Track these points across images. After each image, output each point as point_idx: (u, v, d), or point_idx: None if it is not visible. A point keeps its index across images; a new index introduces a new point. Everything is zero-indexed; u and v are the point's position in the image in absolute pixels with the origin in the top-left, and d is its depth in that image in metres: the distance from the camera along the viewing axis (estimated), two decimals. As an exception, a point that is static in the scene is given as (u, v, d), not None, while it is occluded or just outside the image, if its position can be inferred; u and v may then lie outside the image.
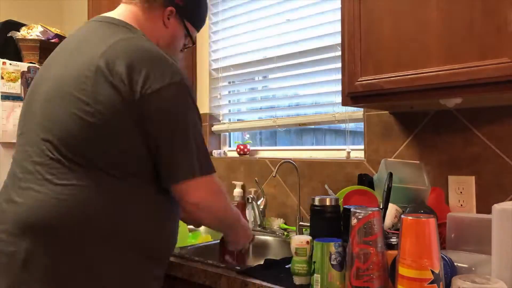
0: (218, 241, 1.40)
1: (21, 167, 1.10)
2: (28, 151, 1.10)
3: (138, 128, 1.06)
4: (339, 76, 1.49)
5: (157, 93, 1.06)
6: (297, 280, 1.15)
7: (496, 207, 1.00)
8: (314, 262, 1.09)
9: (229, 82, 2.38)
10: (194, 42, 1.41)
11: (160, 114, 1.07)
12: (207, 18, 2.38)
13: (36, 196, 1.04)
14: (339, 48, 1.60)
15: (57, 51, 1.21)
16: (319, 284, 1.07)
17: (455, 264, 1.04)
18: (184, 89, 1.11)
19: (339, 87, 1.65)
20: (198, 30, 1.41)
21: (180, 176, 1.09)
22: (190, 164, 1.09)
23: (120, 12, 1.23)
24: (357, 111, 1.78)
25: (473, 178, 1.44)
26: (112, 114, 1.04)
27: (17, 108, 2.27)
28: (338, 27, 1.75)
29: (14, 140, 2.22)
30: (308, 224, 1.34)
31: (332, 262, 1.07)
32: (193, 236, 1.84)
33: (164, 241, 1.16)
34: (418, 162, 1.48)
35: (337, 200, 1.24)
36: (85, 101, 1.05)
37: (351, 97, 1.37)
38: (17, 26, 2.48)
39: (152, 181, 1.11)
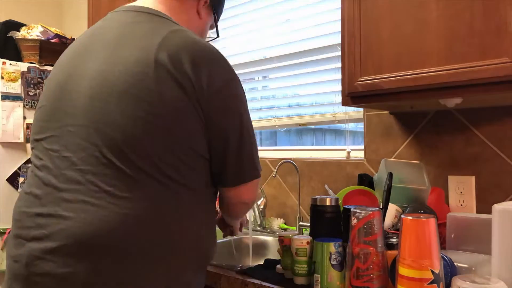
0: (219, 241, 1.40)
1: (61, 176, 0.93)
2: (69, 158, 0.94)
3: (204, 129, 0.98)
4: (339, 76, 1.49)
5: (221, 91, 0.99)
6: (297, 280, 1.15)
7: (496, 207, 1.00)
8: (314, 262, 1.10)
9: (229, 82, 2.37)
10: (218, 35, 1.36)
11: (226, 113, 1.01)
12: (207, 18, 2.39)
13: (96, 210, 0.89)
14: (339, 48, 1.61)
15: (85, 44, 1.06)
16: (319, 284, 1.08)
17: (455, 264, 1.04)
18: (240, 84, 1.06)
19: (339, 87, 1.65)
20: (218, 21, 1.35)
21: (247, 178, 1.06)
22: (255, 166, 1.06)
23: (152, 2, 1.11)
24: (357, 111, 1.78)
25: (473, 178, 1.44)
26: (180, 115, 0.94)
27: (17, 108, 2.27)
28: (338, 27, 1.76)
29: (14, 140, 2.25)
30: (308, 224, 1.34)
31: (332, 262, 1.07)
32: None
33: (214, 248, 1.10)
34: (418, 162, 1.48)
35: (337, 200, 1.24)
36: (149, 101, 0.92)
37: (351, 97, 1.37)
38: (17, 26, 2.48)
39: (209, 187, 1.05)
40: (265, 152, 2.19)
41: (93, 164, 0.91)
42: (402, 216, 0.94)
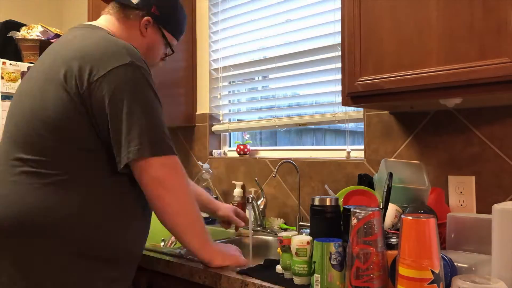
0: (219, 241, 1.40)
1: None
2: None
3: (88, 118, 1.11)
4: (339, 76, 1.49)
5: (102, 79, 1.10)
6: (297, 280, 1.15)
7: (496, 207, 1.00)
8: (314, 262, 1.09)
9: (229, 82, 2.38)
10: (173, 51, 1.46)
11: (107, 95, 1.10)
12: (207, 19, 2.39)
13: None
14: (339, 48, 1.60)
15: (37, 61, 1.28)
16: (319, 284, 1.07)
17: (455, 264, 1.04)
18: (134, 69, 1.13)
19: (339, 87, 1.65)
20: (177, 39, 1.45)
21: (132, 153, 1.09)
22: (141, 142, 1.09)
23: (100, 21, 1.33)
24: (357, 111, 1.78)
25: (473, 178, 1.44)
26: (60, 108, 1.10)
27: (17, 108, 2.27)
28: (338, 27, 1.76)
29: (14, 140, 2.24)
30: (308, 224, 1.34)
31: (332, 262, 1.07)
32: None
33: (121, 242, 1.16)
34: (418, 162, 1.48)
35: (337, 200, 1.24)
36: (37, 102, 1.15)
37: (351, 97, 1.37)
38: (17, 26, 2.48)
39: (110, 178, 1.14)
40: (265, 152, 2.19)
41: (3, 157, 1.17)
42: (402, 216, 0.94)
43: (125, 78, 1.12)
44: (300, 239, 1.15)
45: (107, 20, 1.32)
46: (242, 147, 2.18)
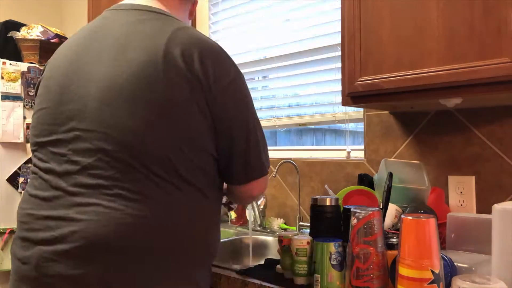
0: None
1: (71, 180, 0.93)
2: (79, 162, 0.93)
3: (211, 127, 0.98)
4: (339, 76, 1.50)
5: (228, 89, 0.99)
6: (297, 280, 1.15)
7: (496, 207, 1.00)
8: (314, 262, 1.10)
9: (229, 82, 2.37)
10: None
11: (232, 110, 1.00)
12: (207, 19, 2.39)
13: (109, 213, 0.89)
14: (339, 48, 1.61)
15: (85, 44, 1.02)
16: (319, 284, 1.08)
17: (455, 264, 1.04)
18: (245, 81, 1.07)
19: (339, 87, 1.65)
20: None
21: (254, 176, 1.06)
22: (262, 163, 1.07)
23: (149, 1, 1.08)
24: (357, 111, 1.78)
25: (473, 178, 1.44)
26: (188, 115, 0.94)
27: (17, 108, 2.27)
28: (338, 27, 1.76)
29: (14, 140, 2.25)
30: (308, 224, 1.34)
31: (332, 262, 1.07)
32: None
33: (219, 245, 1.10)
34: (418, 162, 1.48)
35: (337, 200, 1.24)
36: (158, 103, 0.92)
37: (351, 97, 1.38)
38: (17, 26, 2.48)
39: (216, 186, 1.05)
40: (265, 152, 2.18)
41: (104, 168, 0.91)
42: (402, 216, 0.95)
43: (243, 90, 1.04)
44: (300, 239, 1.16)
45: (163, 2, 1.10)
46: (242, 147, 2.18)
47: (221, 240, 1.67)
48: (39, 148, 1.01)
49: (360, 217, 0.99)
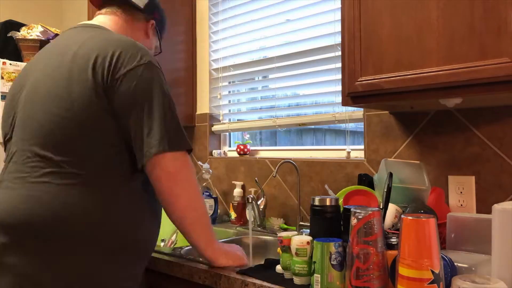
0: (219, 241, 1.40)
1: (6, 168, 1.18)
2: (13, 152, 1.17)
3: (111, 114, 1.11)
4: (339, 76, 1.50)
5: (127, 74, 1.11)
6: (297, 280, 1.15)
7: (496, 207, 1.00)
8: (314, 262, 1.09)
9: (229, 82, 2.38)
10: (161, 51, 1.53)
11: (129, 92, 1.11)
12: (207, 19, 2.39)
13: (10, 193, 1.10)
14: (339, 48, 1.61)
15: (36, 58, 1.27)
16: (319, 284, 1.08)
17: (455, 264, 1.04)
18: (153, 69, 1.16)
19: (339, 87, 1.65)
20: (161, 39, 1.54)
21: (151, 151, 1.10)
22: (159, 140, 1.11)
23: (101, 20, 1.32)
24: (357, 111, 1.78)
25: (473, 178, 1.44)
26: (86, 104, 1.09)
27: (17, 108, 2.27)
28: (338, 27, 1.76)
29: (14, 140, 2.24)
30: (308, 224, 1.34)
31: (332, 262, 1.07)
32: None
33: (142, 237, 1.17)
34: (418, 162, 1.48)
35: (337, 200, 1.24)
36: (62, 98, 1.10)
37: (351, 97, 1.37)
38: (17, 26, 2.48)
39: (130, 175, 1.14)
40: (265, 152, 2.19)
41: (20, 155, 1.13)
42: (402, 216, 0.95)
43: (145, 77, 1.14)
44: (300, 239, 1.16)
45: (112, 21, 1.33)
46: (242, 147, 2.19)
47: (221, 240, 1.67)
48: (4, 147, 1.28)
49: (360, 217, 0.99)
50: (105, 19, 1.34)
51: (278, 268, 1.25)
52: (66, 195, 1.07)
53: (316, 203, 1.24)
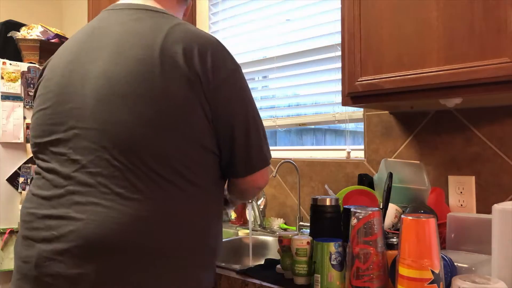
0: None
1: (71, 179, 0.93)
2: (78, 161, 0.93)
3: (211, 122, 0.97)
4: (339, 76, 1.50)
5: (226, 83, 0.98)
6: (297, 280, 1.15)
7: (496, 207, 1.00)
8: (314, 262, 1.10)
9: (229, 82, 2.37)
10: None
11: (231, 104, 1.00)
12: (207, 19, 2.39)
13: (107, 212, 0.89)
14: (339, 48, 1.61)
15: (84, 45, 1.03)
16: (319, 284, 1.08)
17: (455, 264, 1.04)
18: (243, 74, 1.06)
19: (339, 87, 1.65)
20: None
21: (256, 167, 1.06)
22: (263, 154, 1.07)
23: (152, 1, 1.09)
24: (357, 111, 1.78)
25: (473, 178, 1.44)
26: (187, 111, 0.93)
27: (17, 108, 2.27)
28: (338, 27, 1.76)
29: (15, 140, 2.25)
30: (308, 224, 1.34)
31: (332, 262, 1.07)
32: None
33: (221, 244, 1.11)
34: (418, 162, 1.48)
35: (337, 200, 1.24)
36: (155, 100, 0.92)
37: (351, 97, 1.38)
38: (17, 26, 2.48)
39: (218, 184, 1.05)
40: (265, 152, 2.18)
41: (103, 166, 0.91)
42: (402, 216, 0.94)
43: (242, 84, 1.04)
44: (300, 239, 1.16)
45: (160, 2, 1.09)
46: (242, 147, 2.18)
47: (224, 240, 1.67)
48: (40, 149, 1.01)
49: (360, 217, 0.99)
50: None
51: (278, 268, 1.25)
52: (166, 212, 0.93)
53: (316, 203, 1.24)
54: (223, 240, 1.63)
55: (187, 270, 0.95)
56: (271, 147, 2.26)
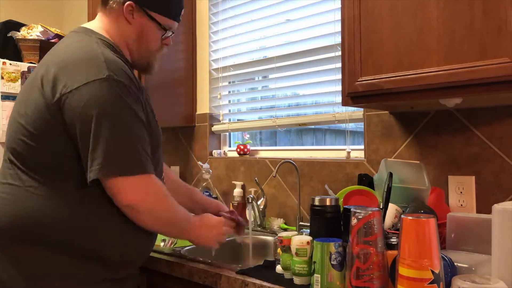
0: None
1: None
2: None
3: (64, 129, 1.11)
4: (339, 76, 1.49)
5: (75, 91, 1.09)
6: (297, 280, 1.15)
7: (496, 207, 1.00)
8: (314, 262, 1.09)
9: (229, 82, 2.38)
10: (173, 32, 1.33)
11: (76, 110, 1.09)
12: (207, 19, 2.38)
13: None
14: (339, 48, 1.60)
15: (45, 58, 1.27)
16: (319, 284, 1.07)
17: (455, 264, 1.04)
18: (110, 85, 1.08)
19: (339, 87, 1.65)
20: (175, 19, 1.31)
21: (99, 173, 1.07)
22: (105, 163, 1.06)
23: (94, 21, 1.29)
24: (357, 111, 1.78)
25: (473, 178, 1.44)
26: (40, 119, 1.11)
27: (17, 108, 2.27)
28: (338, 27, 1.76)
29: (14, 140, 2.24)
30: (308, 224, 1.34)
31: (332, 262, 1.07)
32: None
33: (114, 246, 1.15)
34: (418, 162, 1.48)
35: (337, 200, 1.24)
36: (23, 108, 1.16)
37: (351, 97, 1.37)
38: (17, 26, 2.48)
39: (85, 187, 1.12)
40: (265, 152, 2.19)
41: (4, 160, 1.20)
42: (402, 216, 0.95)
43: (97, 93, 1.08)
44: (300, 239, 1.16)
45: (98, 18, 1.28)
46: (242, 147, 2.18)
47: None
48: None
49: (360, 217, 0.99)
50: (97, 17, 1.29)
51: (278, 268, 1.25)
52: (31, 199, 1.12)
53: (316, 203, 1.24)
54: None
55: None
56: (271, 147, 2.26)
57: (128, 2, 1.22)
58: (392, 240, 1.05)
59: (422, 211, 1.26)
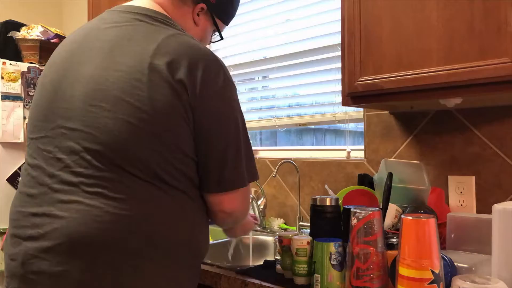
0: (219, 241, 1.41)
1: (55, 177, 0.95)
2: (63, 160, 0.95)
3: (193, 133, 0.99)
4: (339, 76, 1.50)
5: (213, 97, 0.99)
6: (297, 280, 1.15)
7: (496, 207, 1.00)
8: (314, 262, 1.10)
9: (229, 82, 2.37)
10: (222, 38, 1.31)
11: (215, 118, 1.00)
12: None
13: (89, 210, 0.91)
14: (339, 48, 1.61)
15: (80, 45, 1.05)
16: (319, 284, 1.08)
17: (455, 264, 1.04)
18: (234, 90, 1.05)
19: (339, 87, 1.65)
20: (227, 25, 1.32)
21: (228, 186, 1.02)
22: (240, 175, 1.03)
23: (148, 3, 1.09)
24: (357, 111, 1.78)
25: (473, 178, 1.44)
26: (170, 120, 0.95)
27: (17, 108, 2.27)
28: (338, 27, 1.76)
29: (15, 140, 2.25)
30: (308, 224, 1.34)
31: (332, 262, 1.07)
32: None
33: (207, 246, 1.10)
34: (418, 162, 1.48)
35: (337, 200, 1.24)
36: (141, 108, 0.94)
37: (351, 97, 1.38)
38: (17, 26, 2.48)
39: (197, 189, 1.04)
40: (265, 152, 2.19)
41: (86, 167, 0.93)
42: (402, 216, 0.95)
43: (232, 102, 1.03)
44: (300, 239, 1.16)
45: (161, 4, 1.11)
46: (242, 147, 2.18)
47: (221, 240, 1.67)
48: (30, 144, 1.03)
49: (360, 217, 0.99)
50: (152, 1, 1.11)
51: (278, 268, 1.25)
52: (146, 212, 0.95)
53: (316, 203, 1.24)
54: (221, 240, 1.63)
55: (168, 270, 0.96)
56: (271, 147, 2.26)
57: (201, 4, 1.18)
58: (392, 240, 1.05)
59: (422, 211, 1.26)
